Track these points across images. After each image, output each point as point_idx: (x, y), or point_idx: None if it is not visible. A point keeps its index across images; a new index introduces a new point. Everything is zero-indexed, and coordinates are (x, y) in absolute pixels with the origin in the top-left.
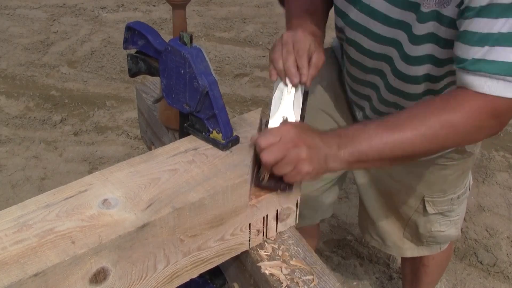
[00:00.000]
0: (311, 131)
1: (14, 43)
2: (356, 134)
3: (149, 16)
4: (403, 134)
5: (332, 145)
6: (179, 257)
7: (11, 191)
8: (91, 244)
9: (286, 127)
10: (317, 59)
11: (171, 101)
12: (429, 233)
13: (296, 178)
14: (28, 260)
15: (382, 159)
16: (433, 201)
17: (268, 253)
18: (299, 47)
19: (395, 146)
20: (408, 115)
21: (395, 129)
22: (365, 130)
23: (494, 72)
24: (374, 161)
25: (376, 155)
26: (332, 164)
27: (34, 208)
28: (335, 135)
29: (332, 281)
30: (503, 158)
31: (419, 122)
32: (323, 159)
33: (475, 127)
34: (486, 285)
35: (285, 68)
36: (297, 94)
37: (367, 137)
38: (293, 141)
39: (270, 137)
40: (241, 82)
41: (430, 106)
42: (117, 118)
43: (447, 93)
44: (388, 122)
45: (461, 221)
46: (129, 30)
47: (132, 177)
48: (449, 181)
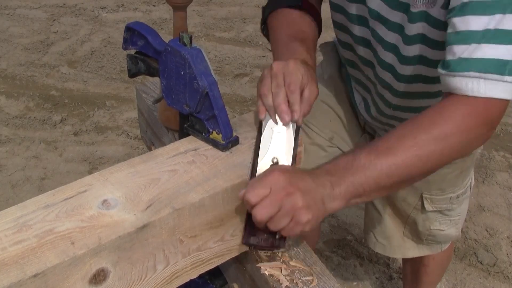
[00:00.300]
0: (301, 174)
1: (14, 43)
2: (347, 167)
3: (149, 16)
4: (396, 157)
5: (325, 184)
6: (179, 258)
7: (11, 191)
8: (90, 244)
9: (274, 174)
10: (310, 94)
11: (171, 102)
12: (428, 231)
13: (295, 230)
14: (28, 261)
15: (380, 189)
16: (431, 198)
17: (268, 254)
18: (290, 80)
19: (391, 171)
20: (398, 136)
21: (387, 153)
22: (356, 160)
23: (483, 70)
24: (372, 192)
25: (373, 185)
26: (330, 205)
27: (33, 208)
28: (326, 173)
29: (331, 282)
30: (503, 158)
31: (411, 141)
32: (320, 201)
33: (469, 137)
34: (486, 285)
35: (275, 105)
36: (289, 132)
37: (360, 168)
38: (285, 189)
39: (259, 190)
40: (241, 82)
41: (419, 122)
42: (117, 118)
43: (435, 106)
44: (378, 147)
45: (462, 222)
46: (129, 31)
47: (132, 178)
48: (447, 180)
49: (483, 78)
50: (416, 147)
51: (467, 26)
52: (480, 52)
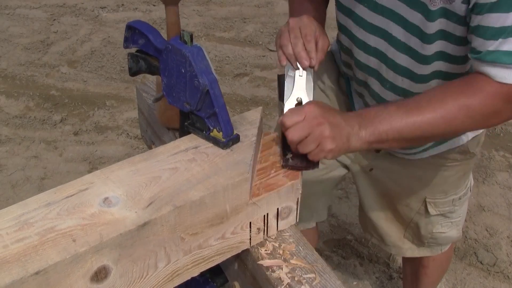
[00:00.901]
0: (333, 110)
1: (14, 43)
2: (377, 115)
3: (149, 16)
4: (423, 116)
5: (353, 125)
6: (180, 256)
7: (11, 191)
8: (92, 242)
9: (309, 106)
10: (323, 44)
11: (171, 100)
12: (430, 234)
13: (320, 156)
14: (29, 259)
15: (401, 139)
16: (435, 202)
17: (269, 252)
18: (306, 31)
19: (414, 127)
20: (428, 98)
21: (415, 110)
22: (385, 111)
23: (509, 62)
24: (394, 141)
25: (396, 135)
26: (354, 143)
27: (35, 206)
28: (357, 115)
29: (333, 279)
30: (503, 158)
31: (439, 105)
32: (346, 137)
33: (491, 112)
34: (486, 285)
35: (295, 53)
36: (308, 77)
37: (387, 117)
38: (317, 119)
39: (294, 116)
40: (241, 82)
41: (449, 90)
42: (117, 118)
43: (465, 78)
44: (408, 104)
45: (462, 222)
46: (130, 29)
47: (133, 176)
48: (450, 182)
49: (509, 68)
50: (442, 110)
51: (496, 23)
52: (507, 45)
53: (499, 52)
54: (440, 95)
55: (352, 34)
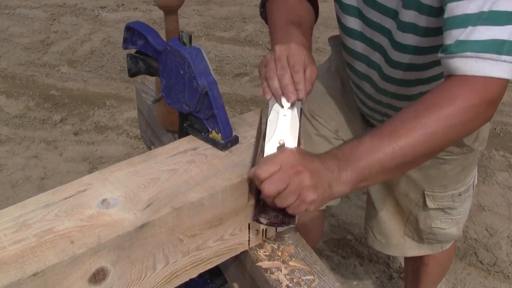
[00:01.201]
0: (310, 156)
1: (14, 43)
2: (353, 152)
3: (149, 16)
4: (400, 140)
5: (333, 169)
6: (178, 257)
7: (11, 191)
8: (90, 244)
9: (285, 153)
10: (311, 73)
11: (170, 101)
12: (429, 229)
13: (300, 209)
14: (27, 260)
15: (385, 171)
16: (434, 195)
17: (268, 253)
18: (294, 61)
19: (395, 154)
20: (401, 119)
21: (390, 136)
22: (360, 145)
23: (480, 50)
24: (378, 175)
25: (378, 168)
26: (336, 189)
27: (33, 207)
28: (333, 158)
29: (331, 281)
30: (503, 157)
31: (414, 123)
32: (327, 184)
33: (470, 117)
34: (486, 284)
35: (282, 86)
36: (293, 114)
37: (365, 152)
38: (294, 168)
39: (269, 166)
40: (241, 82)
41: (421, 104)
42: (117, 118)
43: (436, 88)
44: (382, 131)
45: (463, 221)
46: (129, 30)
47: (132, 177)
48: (449, 177)
49: (480, 58)
50: (419, 128)
51: (463, 10)
52: (476, 34)
53: (469, 41)
54: (413, 113)
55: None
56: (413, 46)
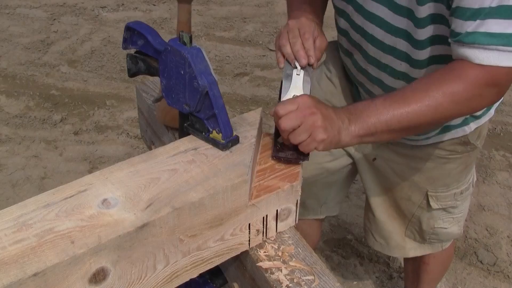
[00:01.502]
0: (325, 104)
1: (14, 43)
2: (364, 109)
3: (149, 16)
4: (409, 106)
5: (343, 119)
6: (179, 257)
7: (11, 191)
8: (90, 244)
9: (303, 97)
10: (321, 43)
11: (171, 101)
12: (432, 229)
13: (310, 146)
14: (28, 260)
15: (390, 131)
16: (437, 196)
17: (268, 253)
18: (304, 30)
19: (401, 117)
20: (412, 89)
21: (400, 102)
22: (372, 104)
23: (487, 43)
24: (383, 133)
25: (384, 127)
26: (344, 137)
27: (33, 207)
28: (346, 111)
29: (332, 281)
30: (503, 157)
31: (423, 94)
32: (337, 130)
33: (475, 96)
34: (486, 284)
35: (293, 51)
36: (305, 76)
37: (374, 111)
38: (310, 109)
39: (288, 105)
40: (241, 82)
41: (432, 79)
42: (117, 118)
43: (447, 66)
44: (394, 97)
45: (464, 219)
46: (129, 30)
47: (132, 177)
48: (452, 175)
49: (488, 49)
50: (427, 98)
51: (474, 4)
52: (485, 26)
53: (477, 33)
54: (424, 85)
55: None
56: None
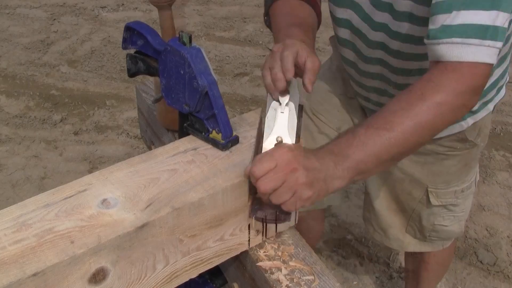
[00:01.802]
0: (306, 153)
1: (14, 43)
2: (348, 146)
3: (149, 16)
4: (394, 131)
5: (329, 165)
6: (179, 257)
7: (11, 191)
8: (90, 244)
9: (280, 151)
10: (313, 64)
11: (170, 101)
12: (432, 226)
13: (296, 205)
14: (27, 260)
15: (380, 164)
16: (437, 192)
17: (268, 253)
18: (287, 53)
19: (390, 145)
20: (393, 110)
21: (384, 128)
22: (355, 139)
23: (464, 35)
24: (374, 168)
25: (374, 161)
26: (332, 184)
27: (33, 207)
28: (329, 153)
29: (332, 281)
30: (503, 157)
31: (405, 114)
32: (323, 181)
33: (459, 103)
34: (486, 284)
35: (272, 78)
36: (291, 111)
37: (359, 145)
38: (290, 165)
39: (265, 164)
40: (241, 82)
41: (411, 94)
42: (117, 118)
43: (423, 77)
44: (375, 123)
45: (465, 218)
46: (128, 30)
47: (132, 177)
48: (452, 172)
49: (465, 43)
50: (410, 118)
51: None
52: (460, 18)
53: (453, 26)
54: (404, 103)
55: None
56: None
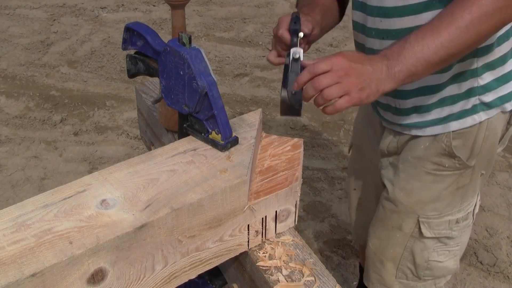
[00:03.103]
0: (361, 58)
1: (14, 43)
2: (400, 51)
3: (149, 16)
4: (440, 36)
5: (381, 69)
6: (178, 258)
7: (11, 191)
8: (88, 244)
9: (337, 57)
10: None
11: (170, 102)
12: (426, 263)
13: (346, 104)
14: (26, 260)
15: (430, 66)
16: (429, 222)
17: (267, 254)
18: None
19: (437, 49)
20: (439, 17)
21: (431, 33)
22: (407, 44)
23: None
24: (424, 70)
25: (424, 64)
26: (383, 87)
27: (32, 208)
28: (383, 58)
29: (331, 282)
30: (503, 158)
31: (450, 18)
32: (374, 84)
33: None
34: (486, 285)
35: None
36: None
37: (410, 50)
38: (345, 70)
39: (322, 64)
40: (241, 82)
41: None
42: (117, 118)
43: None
44: (424, 30)
45: (461, 254)
46: (128, 31)
47: (131, 178)
48: (442, 197)
49: None
50: (454, 22)
51: None
52: None
53: None
54: (449, 9)
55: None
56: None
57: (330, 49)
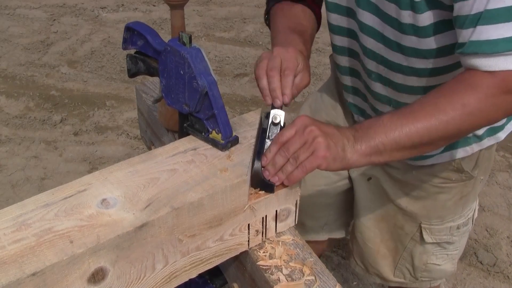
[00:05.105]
0: (326, 123)
1: (14, 43)
2: (371, 126)
3: (149, 16)
4: (418, 122)
5: (348, 136)
6: (178, 257)
7: (11, 191)
8: (89, 243)
9: (299, 119)
10: (302, 80)
11: (170, 102)
12: (424, 265)
13: (312, 164)
14: (27, 260)
15: (400, 149)
16: (431, 229)
17: (268, 254)
18: (287, 65)
19: (411, 134)
20: (421, 103)
21: (409, 117)
22: (379, 121)
23: (491, 51)
24: (393, 152)
25: (394, 145)
26: (350, 156)
27: (33, 207)
28: (351, 129)
29: (331, 282)
30: (503, 158)
31: (432, 108)
32: (341, 147)
33: (489, 106)
34: (486, 285)
35: (270, 89)
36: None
37: (382, 127)
38: (308, 128)
39: (286, 132)
40: (241, 82)
41: (441, 91)
42: (117, 118)
43: (456, 77)
44: (402, 112)
45: (458, 257)
46: (128, 31)
47: (131, 177)
48: (447, 207)
49: (494, 56)
50: (436, 113)
51: (470, 10)
52: (485, 33)
53: (479, 42)
54: (433, 98)
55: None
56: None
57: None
